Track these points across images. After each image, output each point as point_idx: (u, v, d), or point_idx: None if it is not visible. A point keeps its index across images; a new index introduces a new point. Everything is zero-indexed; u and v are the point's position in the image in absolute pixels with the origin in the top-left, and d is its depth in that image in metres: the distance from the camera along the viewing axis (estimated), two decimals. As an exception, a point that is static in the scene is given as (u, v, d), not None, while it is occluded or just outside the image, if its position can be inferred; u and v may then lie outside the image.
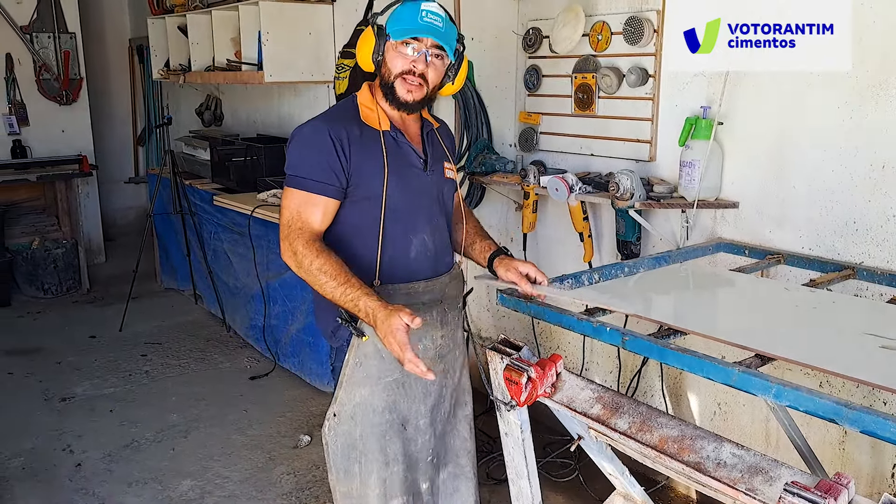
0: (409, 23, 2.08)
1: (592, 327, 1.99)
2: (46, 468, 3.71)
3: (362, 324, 2.08)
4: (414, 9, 2.08)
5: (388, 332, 1.92)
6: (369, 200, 2.14)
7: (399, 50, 2.11)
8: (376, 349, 2.16)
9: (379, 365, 2.20)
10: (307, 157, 2.11)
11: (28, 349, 5.27)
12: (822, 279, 2.49)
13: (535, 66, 3.68)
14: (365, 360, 2.20)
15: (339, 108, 2.28)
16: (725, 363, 1.69)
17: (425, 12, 2.08)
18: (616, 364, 3.60)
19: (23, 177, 6.54)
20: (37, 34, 6.94)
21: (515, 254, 3.90)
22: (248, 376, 4.77)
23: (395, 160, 2.16)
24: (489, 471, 3.53)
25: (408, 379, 2.24)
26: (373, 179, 2.13)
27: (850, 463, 2.76)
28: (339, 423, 2.24)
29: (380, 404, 2.23)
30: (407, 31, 2.08)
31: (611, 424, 1.78)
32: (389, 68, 2.13)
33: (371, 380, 2.21)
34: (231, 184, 5.46)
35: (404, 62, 2.11)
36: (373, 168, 2.13)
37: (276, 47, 4.83)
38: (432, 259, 2.27)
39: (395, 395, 2.25)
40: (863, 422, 1.43)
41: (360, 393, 2.22)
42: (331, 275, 2.02)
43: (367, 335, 2.11)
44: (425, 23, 2.07)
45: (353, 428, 2.23)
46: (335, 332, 2.22)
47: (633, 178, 3.00)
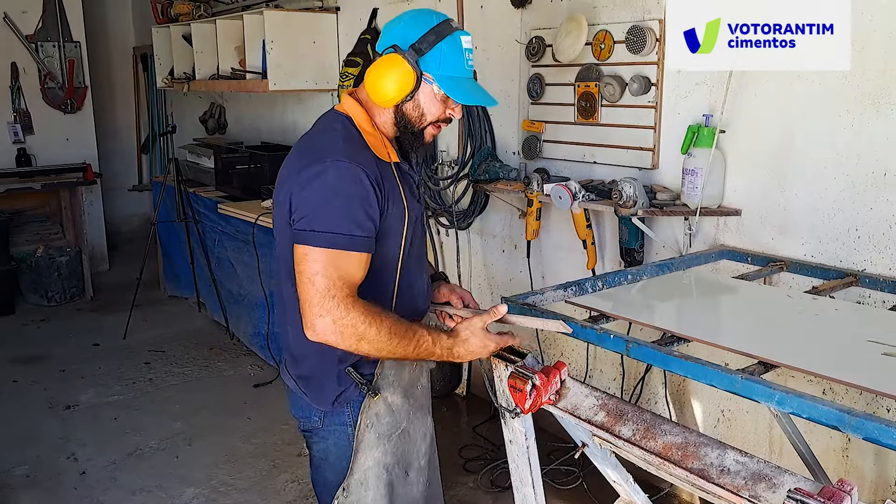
0: (457, 70, 1.86)
1: (596, 335, 2.00)
2: (51, 476, 3.73)
3: (378, 382, 1.96)
4: (458, 51, 1.85)
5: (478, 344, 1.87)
6: (390, 241, 1.90)
7: (443, 100, 1.89)
8: (387, 404, 2.01)
9: (390, 420, 2.03)
10: (339, 206, 1.76)
11: (32, 357, 5.28)
12: (825, 286, 2.49)
13: (539, 75, 3.69)
14: (376, 420, 2.00)
15: (346, 137, 1.88)
16: (728, 370, 1.70)
17: (468, 52, 1.87)
18: (620, 371, 3.60)
19: (27, 185, 6.58)
20: (42, 43, 6.98)
21: (519, 261, 3.96)
22: (251, 384, 4.78)
23: (409, 195, 1.94)
24: (493, 478, 3.54)
25: (412, 425, 2.11)
26: (396, 221, 1.89)
27: (854, 470, 2.76)
28: (349, 495, 2.01)
29: (391, 461, 2.05)
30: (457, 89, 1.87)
31: (615, 432, 1.78)
32: (423, 112, 1.89)
33: (383, 439, 2.02)
34: (235, 192, 5.48)
35: (441, 111, 1.91)
36: (396, 209, 1.88)
37: (280, 56, 4.86)
38: (426, 294, 2.12)
39: (403, 444, 2.09)
40: (865, 429, 1.43)
41: (373, 456, 2.01)
42: (398, 333, 1.79)
43: (380, 393, 1.97)
44: (470, 67, 1.88)
45: (365, 494, 2.02)
46: (338, 396, 1.97)
47: (636, 185, 3.01)
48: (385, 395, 1.99)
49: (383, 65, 1.83)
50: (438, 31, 1.83)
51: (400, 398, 2.04)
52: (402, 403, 2.06)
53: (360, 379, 1.94)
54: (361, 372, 1.95)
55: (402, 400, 2.05)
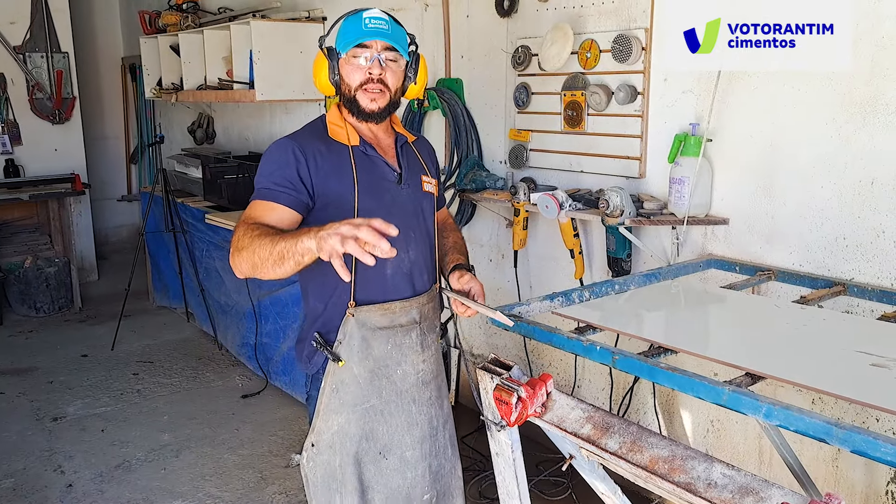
0: (353, 33, 2.06)
1: (583, 346, 1.98)
2: (37, 489, 3.69)
3: (338, 348, 2.07)
4: (356, 20, 2.07)
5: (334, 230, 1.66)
6: (341, 216, 1.85)
7: (352, 62, 2.08)
8: (353, 375, 2.12)
9: (355, 391, 2.14)
10: (269, 170, 2.05)
11: (20, 369, 5.25)
12: (813, 296, 2.48)
13: (525, 84, 3.69)
14: (341, 385, 2.13)
15: (308, 127, 2.21)
16: (716, 382, 1.68)
17: (368, 19, 2.06)
18: (608, 381, 3.59)
19: (15, 196, 6.55)
20: (30, 54, 6.96)
21: (506, 271, 3.94)
22: (239, 395, 4.75)
23: (366, 174, 2.11)
24: (481, 490, 3.52)
25: (388, 407, 2.18)
26: (342, 195, 2.07)
27: (844, 480, 2.75)
28: (318, 454, 2.17)
29: (356, 431, 2.16)
30: (354, 41, 2.05)
31: (601, 445, 1.77)
32: (348, 83, 2.11)
33: (347, 406, 2.14)
34: (223, 201, 5.46)
35: (360, 73, 2.08)
36: (341, 184, 2.07)
37: (267, 66, 4.85)
38: (409, 276, 2.19)
39: (372, 422, 2.17)
40: (853, 441, 1.42)
41: (337, 421, 2.15)
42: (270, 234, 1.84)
43: (343, 360, 2.08)
44: (370, 28, 2.05)
45: (333, 457, 2.16)
46: (311, 358, 2.17)
47: (622, 194, 3.01)
48: (350, 364, 2.11)
49: (313, 65, 2.17)
50: (344, 16, 2.12)
51: (367, 372, 2.14)
52: (369, 378, 2.15)
53: (321, 340, 2.10)
54: (326, 338, 2.11)
55: (369, 374, 2.15)
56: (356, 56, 2.07)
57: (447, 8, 4.06)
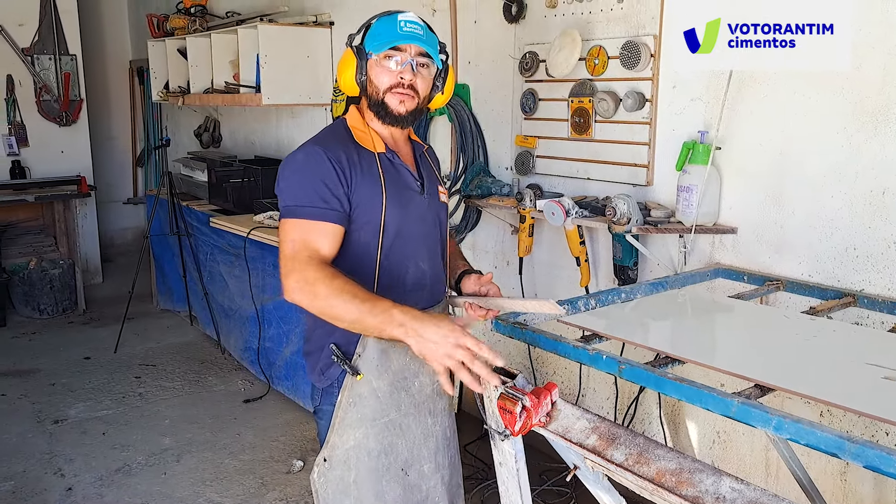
0: (388, 35, 2.00)
1: (589, 355, 1.96)
2: (37, 492, 3.66)
3: (357, 362, 2.00)
4: (391, 21, 2.02)
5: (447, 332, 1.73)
6: (368, 226, 2.00)
7: (383, 64, 2.02)
8: (372, 388, 2.04)
9: (375, 405, 2.06)
10: (305, 183, 1.94)
11: (23, 370, 5.23)
12: (823, 307, 2.45)
13: (532, 90, 3.67)
14: (359, 400, 2.04)
15: (331, 131, 2.12)
16: (724, 394, 1.65)
17: (404, 22, 2.02)
18: (613, 390, 3.56)
19: (21, 197, 6.56)
20: (38, 56, 6.98)
21: (511, 278, 3.91)
22: (241, 399, 4.73)
23: (393, 183, 2.05)
24: (484, 498, 3.48)
25: (406, 420, 2.11)
26: (372, 204, 2.00)
27: (853, 494, 2.72)
28: (331, 469, 2.08)
29: (375, 447, 2.07)
30: (388, 43, 2.00)
31: (607, 456, 1.74)
32: (376, 85, 2.04)
33: (366, 421, 2.06)
34: (228, 205, 5.45)
35: (391, 76, 2.02)
36: (371, 192, 2.00)
37: (274, 70, 4.85)
38: (429, 288, 2.15)
39: (391, 436, 2.09)
40: (866, 456, 1.38)
41: (354, 436, 2.06)
42: (352, 293, 1.80)
43: (362, 373, 2.01)
44: (405, 32, 2.00)
45: (347, 473, 2.07)
46: (325, 371, 2.08)
47: (629, 202, 2.98)
48: (369, 378, 2.03)
49: (339, 63, 2.11)
50: (377, 17, 2.08)
51: (387, 385, 2.06)
52: (389, 391, 2.07)
53: (339, 353, 2.01)
54: (344, 350, 2.02)
55: (389, 388, 2.07)
56: (389, 58, 2.02)
57: (455, 13, 4.05)
